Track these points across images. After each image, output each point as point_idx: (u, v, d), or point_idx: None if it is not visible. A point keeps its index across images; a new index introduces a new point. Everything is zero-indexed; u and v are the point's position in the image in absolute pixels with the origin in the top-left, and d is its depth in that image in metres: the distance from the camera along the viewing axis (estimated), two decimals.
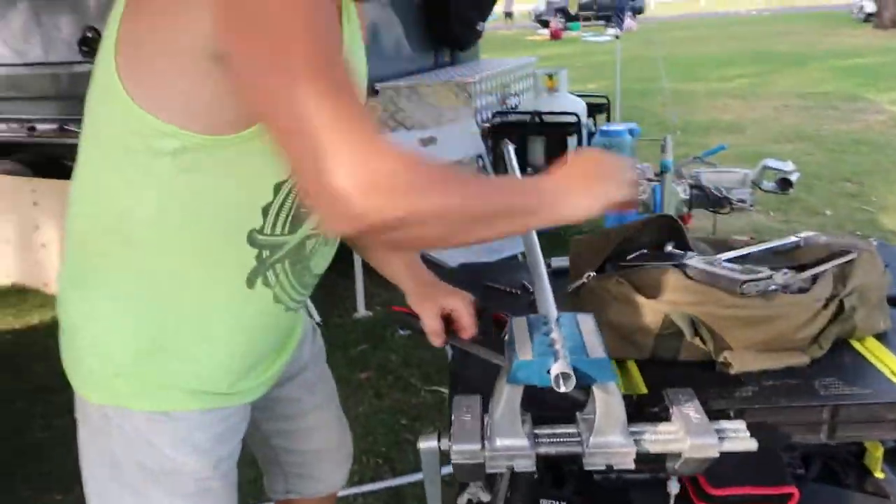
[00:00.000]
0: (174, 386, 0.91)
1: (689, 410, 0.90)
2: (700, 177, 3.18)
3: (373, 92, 3.11)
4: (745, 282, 0.99)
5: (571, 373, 0.77)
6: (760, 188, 3.14)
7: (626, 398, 0.98)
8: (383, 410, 2.46)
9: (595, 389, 0.83)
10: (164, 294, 0.87)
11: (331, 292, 3.25)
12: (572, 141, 3.10)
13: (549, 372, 0.78)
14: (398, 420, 2.38)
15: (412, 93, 3.09)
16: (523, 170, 3.27)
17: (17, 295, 3.66)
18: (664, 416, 0.91)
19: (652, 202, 3.15)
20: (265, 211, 0.85)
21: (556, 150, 3.12)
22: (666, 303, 1.03)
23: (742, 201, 3.13)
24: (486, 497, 1.01)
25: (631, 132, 3.21)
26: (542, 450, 0.87)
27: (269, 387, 1.06)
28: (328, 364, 1.29)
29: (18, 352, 3.05)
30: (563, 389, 0.77)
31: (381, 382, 2.65)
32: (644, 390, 1.00)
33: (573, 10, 17.58)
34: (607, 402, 0.83)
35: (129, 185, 0.82)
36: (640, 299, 1.04)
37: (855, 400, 0.95)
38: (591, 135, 3.29)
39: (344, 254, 3.29)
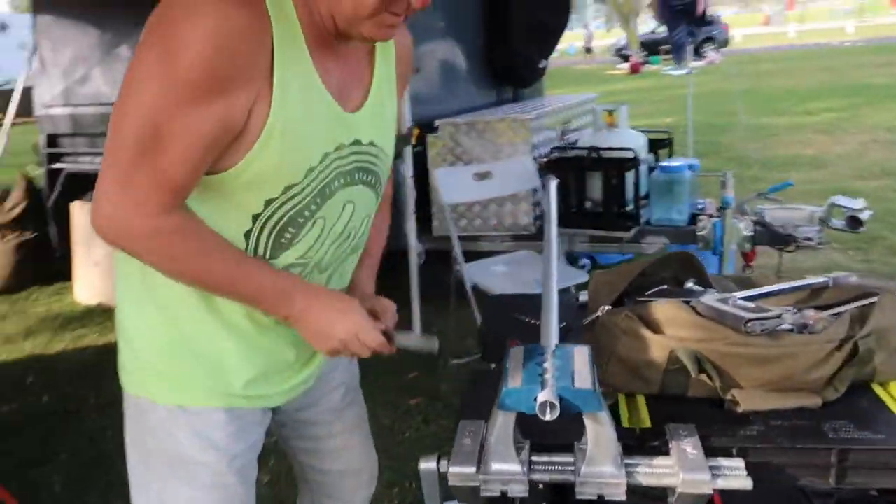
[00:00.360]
0: (193, 383, 1.01)
1: (687, 446, 0.91)
2: (764, 213, 3.09)
3: (432, 128, 3.21)
4: (750, 320, 0.99)
5: (556, 402, 0.80)
6: (829, 226, 3.02)
7: (629, 431, 1.01)
8: (430, 436, 2.50)
9: (586, 420, 0.85)
10: (176, 300, 0.99)
11: None
12: (630, 176, 3.09)
13: (536, 399, 0.81)
14: (443, 447, 2.40)
15: (471, 129, 3.17)
16: (581, 203, 3.29)
17: (103, 314, 3.93)
18: (664, 451, 0.92)
19: (712, 238, 3.09)
20: (247, 236, 0.96)
21: (613, 185, 3.12)
22: (672, 338, 1.04)
23: (808, 239, 3.00)
24: None
25: (691, 167, 3.17)
26: (536, 476, 0.90)
27: (289, 397, 1.13)
28: (378, 387, 1.36)
29: (99, 367, 3.28)
30: (547, 417, 0.81)
31: (430, 409, 2.70)
32: (648, 424, 1.01)
33: (634, 48, 17.47)
34: (597, 432, 0.86)
35: None
36: (648, 334, 1.06)
37: (864, 445, 0.93)
38: (651, 170, 3.27)
39: (402, 281, 3.36)
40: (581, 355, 0.90)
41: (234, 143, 0.87)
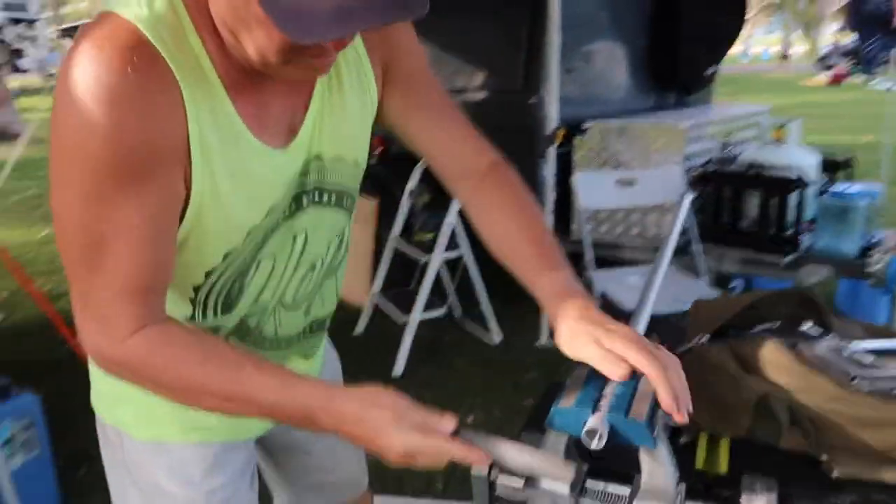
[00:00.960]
0: (166, 418, 0.94)
1: (760, 502, 0.83)
2: None
3: (581, 130, 3.14)
4: (859, 377, 0.88)
5: (603, 430, 0.76)
6: None
7: (701, 475, 0.93)
8: None
9: (641, 454, 0.80)
10: None
11: (519, 317, 3.32)
12: (793, 197, 2.83)
13: (584, 424, 0.78)
14: None
15: (621, 133, 3.06)
16: (735, 221, 3.06)
17: None
18: (732, 502, 0.84)
19: (885, 275, 2.75)
20: (196, 290, 0.87)
21: (772, 206, 2.88)
22: (768, 382, 0.95)
23: None
24: None
25: (869, 194, 2.84)
26: (586, 502, 0.86)
27: (269, 427, 1.07)
28: (495, 384, 1.22)
29: None
30: (594, 446, 0.77)
31: None
32: (724, 471, 0.93)
33: (811, 61, 15.69)
34: (651, 468, 0.81)
35: None
36: (740, 374, 0.97)
37: None
38: (821, 193, 2.97)
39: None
40: (647, 386, 0.84)
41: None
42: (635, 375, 0.86)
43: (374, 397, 0.77)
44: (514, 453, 0.81)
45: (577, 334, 0.80)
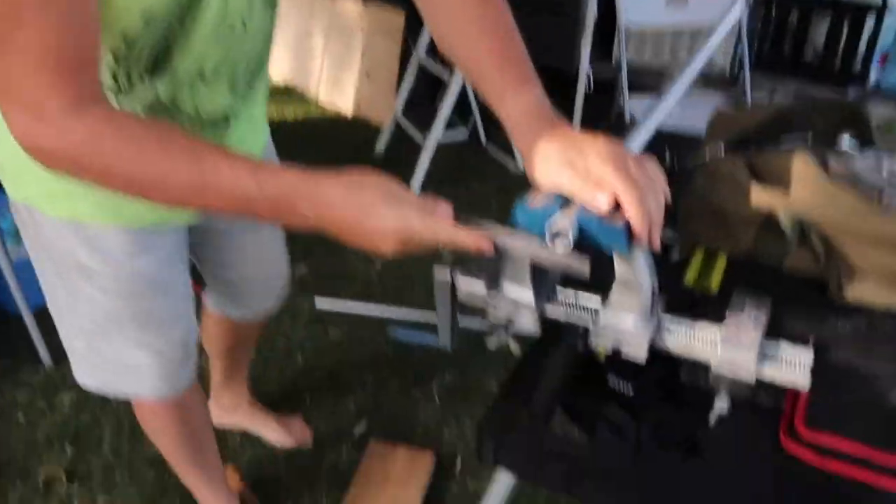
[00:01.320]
0: (79, 195, 0.87)
1: (747, 320, 0.73)
2: None
3: None
4: (888, 190, 0.74)
5: (569, 231, 0.66)
6: None
7: (688, 292, 0.84)
8: None
9: (616, 262, 0.71)
10: None
11: None
12: (868, 24, 2.50)
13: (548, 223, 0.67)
14: None
15: None
16: (798, 50, 2.75)
17: (285, 92, 4.10)
18: (717, 320, 0.75)
19: None
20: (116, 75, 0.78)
21: (841, 33, 2.55)
22: (780, 194, 0.82)
23: None
24: (515, 346, 0.95)
25: None
26: (550, 309, 0.78)
27: (196, 217, 1.01)
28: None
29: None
30: (559, 249, 0.67)
31: None
32: (714, 289, 0.84)
33: None
34: (626, 277, 0.71)
35: None
36: (750, 185, 0.84)
37: None
38: None
39: (568, 107, 3.06)
40: None
41: None
42: None
43: (362, 178, 0.67)
44: (521, 242, 0.70)
45: (548, 158, 0.68)
